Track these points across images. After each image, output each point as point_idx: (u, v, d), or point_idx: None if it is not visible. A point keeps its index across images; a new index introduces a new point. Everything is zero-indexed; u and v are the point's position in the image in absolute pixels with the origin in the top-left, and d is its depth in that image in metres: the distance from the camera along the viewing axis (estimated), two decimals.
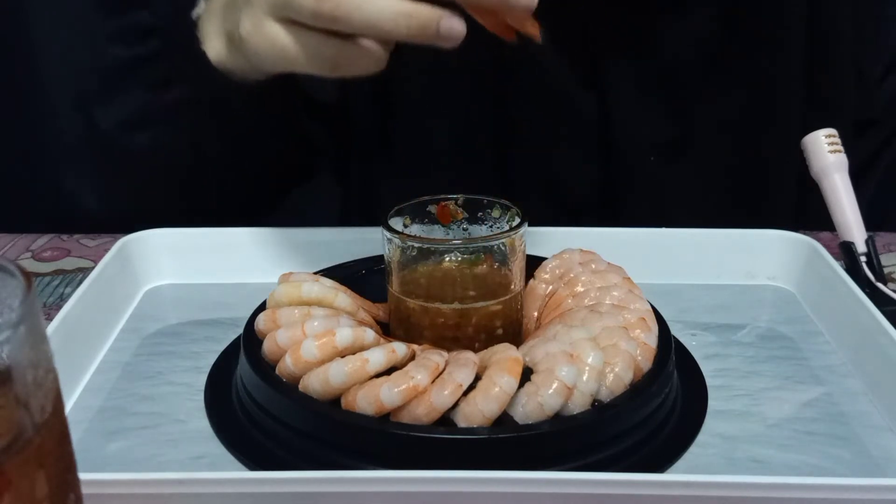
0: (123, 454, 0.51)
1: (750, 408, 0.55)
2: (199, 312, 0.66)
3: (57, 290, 0.71)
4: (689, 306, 0.67)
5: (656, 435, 0.51)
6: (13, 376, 0.28)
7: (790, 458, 0.50)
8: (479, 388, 0.47)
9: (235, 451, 0.51)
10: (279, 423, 0.50)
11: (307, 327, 0.51)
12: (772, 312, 0.67)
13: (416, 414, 0.46)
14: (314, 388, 0.49)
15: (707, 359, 0.59)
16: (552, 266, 0.60)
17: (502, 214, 0.57)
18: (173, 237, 0.70)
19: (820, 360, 0.60)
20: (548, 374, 0.47)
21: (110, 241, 0.69)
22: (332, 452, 0.48)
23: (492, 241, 0.55)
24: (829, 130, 0.72)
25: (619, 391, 0.49)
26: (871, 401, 0.55)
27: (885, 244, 0.77)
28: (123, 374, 0.59)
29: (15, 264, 0.30)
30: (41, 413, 0.29)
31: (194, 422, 0.53)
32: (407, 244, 0.54)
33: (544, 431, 0.47)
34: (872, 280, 0.66)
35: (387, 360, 0.48)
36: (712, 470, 0.49)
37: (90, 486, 0.34)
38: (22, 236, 0.81)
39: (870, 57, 0.86)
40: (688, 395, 0.55)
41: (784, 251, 0.69)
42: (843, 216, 0.70)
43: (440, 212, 0.57)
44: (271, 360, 0.52)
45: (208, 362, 0.59)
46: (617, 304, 0.55)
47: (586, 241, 0.62)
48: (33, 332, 0.28)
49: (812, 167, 0.72)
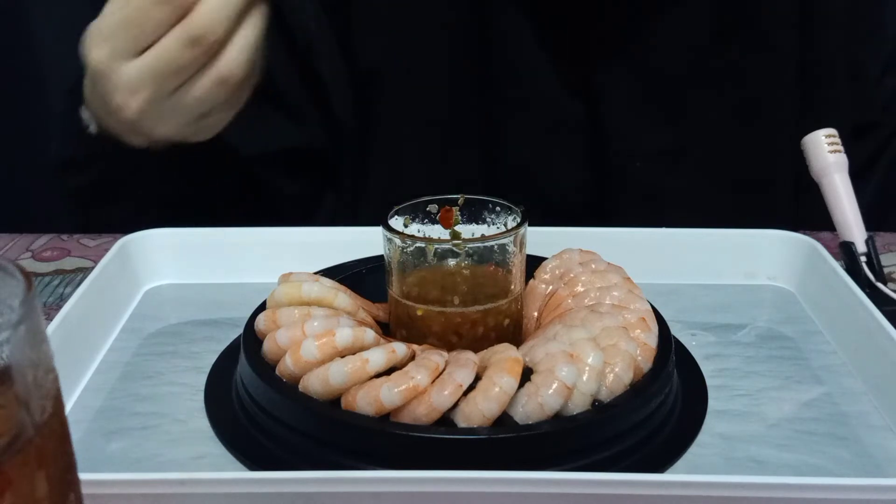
0: (123, 454, 0.51)
1: (750, 408, 0.55)
2: (199, 312, 0.66)
3: (57, 290, 0.71)
4: (689, 306, 0.67)
5: (656, 435, 0.51)
6: (13, 376, 0.28)
7: (790, 458, 0.50)
8: (479, 388, 0.47)
9: (235, 451, 0.51)
10: (279, 423, 0.50)
11: (307, 327, 0.51)
12: (772, 312, 0.67)
13: (416, 414, 0.46)
14: (314, 388, 0.49)
15: (707, 359, 0.59)
16: (552, 266, 0.60)
17: (502, 214, 0.57)
18: (173, 237, 0.70)
19: (820, 360, 0.60)
20: (548, 374, 0.47)
21: (110, 241, 0.69)
22: (332, 452, 0.48)
23: (492, 241, 0.55)
24: (829, 130, 0.72)
25: (619, 391, 0.49)
26: (871, 401, 0.55)
27: (885, 244, 0.77)
28: (123, 374, 0.59)
29: (15, 264, 0.30)
30: (41, 413, 0.29)
31: (194, 422, 0.53)
32: (407, 244, 0.54)
33: (544, 431, 0.47)
34: (872, 280, 0.66)
35: (387, 360, 0.48)
36: (712, 470, 0.49)
37: (90, 486, 0.34)
38: (22, 236, 0.81)
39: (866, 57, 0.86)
40: (688, 395, 0.55)
41: (784, 251, 0.69)
42: (843, 216, 0.70)
43: (443, 216, 0.57)
44: (271, 360, 0.52)
45: (208, 362, 0.59)
46: (617, 304, 0.55)
47: (586, 241, 0.62)
48: (33, 332, 0.28)
49: (812, 167, 0.72)
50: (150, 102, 0.66)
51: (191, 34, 0.62)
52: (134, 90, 0.65)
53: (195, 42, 0.63)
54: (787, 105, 0.85)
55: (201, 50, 0.63)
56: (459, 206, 0.57)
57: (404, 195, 0.57)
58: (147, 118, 0.67)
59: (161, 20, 0.63)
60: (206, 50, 0.63)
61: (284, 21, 0.83)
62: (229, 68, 0.65)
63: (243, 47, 0.65)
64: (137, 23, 0.64)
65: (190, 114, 0.67)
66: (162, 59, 0.63)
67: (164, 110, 0.66)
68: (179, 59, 0.63)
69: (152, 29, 0.63)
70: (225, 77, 0.65)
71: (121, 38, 0.64)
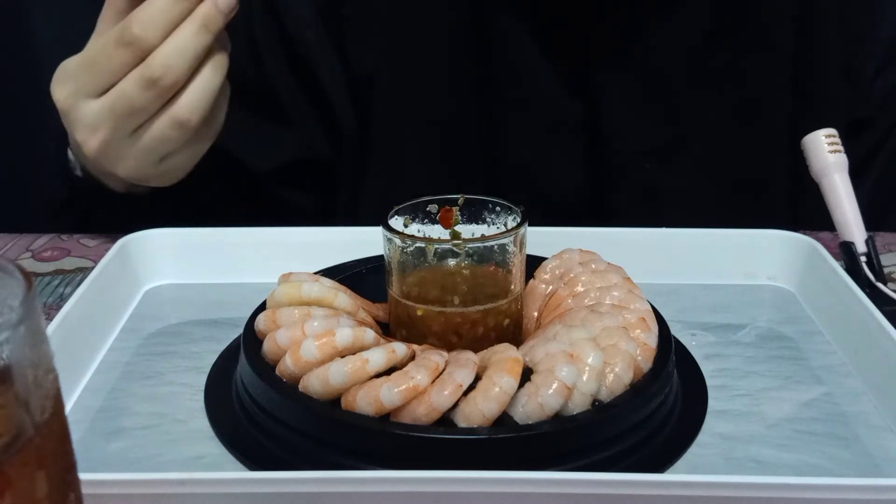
0: (123, 454, 0.51)
1: (750, 408, 0.55)
2: (199, 312, 0.66)
3: (57, 290, 0.71)
4: (689, 306, 0.67)
5: (656, 435, 0.51)
6: (13, 376, 0.28)
7: (790, 458, 0.50)
8: (479, 388, 0.47)
9: (235, 451, 0.51)
10: (279, 423, 0.50)
11: (307, 327, 0.51)
12: (772, 312, 0.67)
13: (416, 414, 0.46)
14: (314, 388, 0.49)
15: (707, 359, 0.59)
16: (552, 266, 0.60)
17: (502, 214, 0.57)
18: (173, 237, 0.70)
19: (820, 360, 0.60)
20: (548, 374, 0.47)
21: (110, 241, 0.69)
22: (332, 452, 0.48)
23: (492, 241, 0.55)
24: (829, 130, 0.72)
25: (619, 391, 0.49)
26: (871, 401, 0.55)
27: (885, 244, 0.77)
28: (123, 374, 0.58)
29: (15, 264, 0.30)
30: (41, 413, 0.29)
31: (194, 422, 0.53)
32: (407, 244, 0.54)
33: (544, 431, 0.47)
34: (872, 280, 0.66)
35: (387, 360, 0.48)
36: (712, 470, 0.49)
37: (90, 486, 0.34)
38: (22, 236, 0.81)
39: (861, 55, 0.86)
40: (688, 395, 0.55)
41: (784, 251, 0.69)
42: (843, 216, 0.70)
43: (443, 216, 0.57)
44: (271, 360, 0.52)
45: (208, 362, 0.59)
46: (617, 304, 0.55)
47: (586, 241, 0.62)
48: (33, 332, 0.28)
49: (812, 167, 0.72)
50: (108, 141, 0.68)
51: (148, 76, 0.65)
52: (93, 128, 0.68)
53: (152, 84, 0.65)
54: (784, 104, 0.85)
55: (157, 92, 0.65)
56: (459, 206, 0.57)
57: (404, 195, 0.57)
58: (105, 157, 0.70)
59: (121, 62, 0.66)
60: (161, 92, 0.66)
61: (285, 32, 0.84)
62: (187, 112, 0.67)
63: (201, 92, 0.68)
64: (98, 64, 0.67)
65: (149, 155, 0.69)
66: (120, 99, 0.66)
67: (123, 150, 0.69)
68: (137, 100, 0.66)
69: (112, 70, 0.66)
70: (182, 120, 0.67)
71: (83, 78, 0.67)
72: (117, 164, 0.70)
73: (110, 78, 0.66)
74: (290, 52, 0.85)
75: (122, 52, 0.65)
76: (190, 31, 0.66)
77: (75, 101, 0.68)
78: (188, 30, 0.66)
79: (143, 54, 0.65)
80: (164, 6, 0.65)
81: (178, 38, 0.65)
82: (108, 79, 0.66)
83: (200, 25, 0.66)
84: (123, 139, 0.68)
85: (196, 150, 0.72)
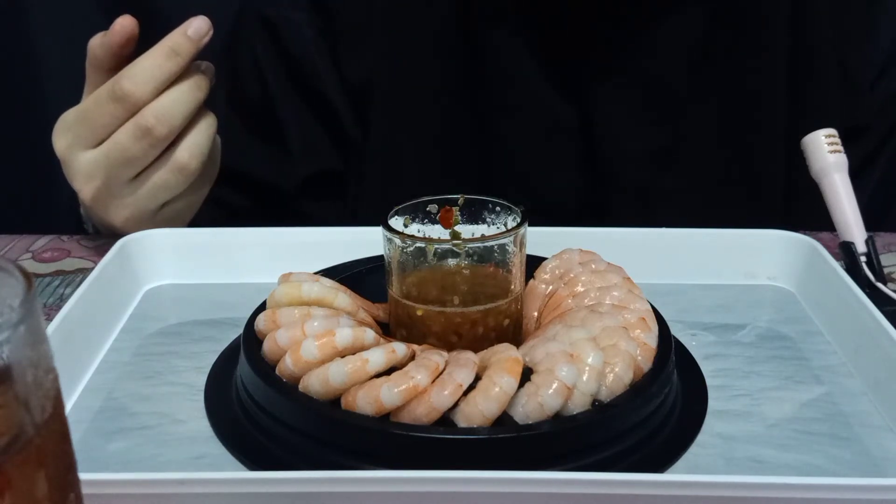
0: (123, 454, 0.51)
1: (750, 408, 0.55)
2: (199, 312, 0.66)
3: (57, 290, 0.71)
4: (689, 306, 0.67)
5: (656, 435, 0.51)
6: (13, 376, 0.28)
7: (790, 458, 0.50)
8: (479, 388, 0.47)
9: (235, 452, 0.51)
10: (279, 423, 0.50)
11: (307, 327, 0.51)
12: (772, 312, 0.67)
13: (416, 414, 0.46)
14: (314, 388, 0.49)
15: (707, 359, 0.59)
16: (552, 266, 0.60)
17: (502, 214, 0.57)
18: (173, 237, 0.70)
19: (820, 360, 0.60)
20: (548, 374, 0.47)
21: (110, 241, 0.69)
22: (332, 452, 0.48)
23: (492, 241, 0.55)
24: (828, 130, 0.72)
25: (619, 391, 0.49)
26: (871, 401, 0.55)
27: (885, 244, 0.77)
28: (123, 374, 0.59)
29: (15, 264, 0.30)
30: (41, 413, 0.29)
31: (194, 422, 0.53)
32: (407, 244, 0.54)
33: (544, 431, 0.47)
34: (872, 280, 0.66)
35: (387, 360, 0.48)
36: (712, 470, 0.49)
37: (90, 486, 0.34)
38: (22, 237, 0.81)
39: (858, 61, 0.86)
40: (688, 395, 0.55)
41: (784, 251, 0.69)
42: (843, 216, 0.70)
43: (443, 216, 0.57)
44: (271, 360, 0.52)
45: (208, 362, 0.59)
46: (617, 304, 0.55)
47: (586, 241, 0.62)
48: (33, 332, 0.28)
49: (812, 167, 0.72)
50: (102, 190, 0.70)
51: (142, 126, 0.66)
52: (89, 177, 0.70)
53: (146, 133, 0.67)
54: (779, 109, 0.85)
55: (150, 142, 0.67)
56: (459, 206, 0.57)
57: (404, 196, 0.57)
58: (101, 205, 0.72)
59: (114, 115, 0.67)
60: (155, 142, 0.67)
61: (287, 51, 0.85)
62: (186, 156, 0.69)
63: (200, 136, 0.69)
64: (93, 116, 0.68)
65: (148, 202, 0.71)
66: (115, 149, 0.68)
67: (121, 198, 0.71)
68: (131, 149, 0.67)
69: (106, 122, 0.68)
70: (181, 165, 0.69)
71: (78, 130, 0.69)
72: (115, 212, 0.72)
73: (104, 130, 0.68)
74: (292, 70, 0.87)
75: (115, 105, 0.67)
76: (186, 85, 0.68)
77: (72, 152, 0.70)
78: (185, 85, 0.68)
79: (134, 108, 0.67)
80: (156, 62, 0.67)
81: (173, 91, 0.67)
82: (103, 131, 0.68)
83: (193, 84, 0.68)
84: (122, 187, 0.70)
85: (195, 197, 0.74)
